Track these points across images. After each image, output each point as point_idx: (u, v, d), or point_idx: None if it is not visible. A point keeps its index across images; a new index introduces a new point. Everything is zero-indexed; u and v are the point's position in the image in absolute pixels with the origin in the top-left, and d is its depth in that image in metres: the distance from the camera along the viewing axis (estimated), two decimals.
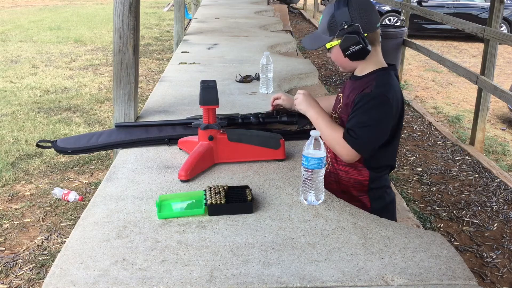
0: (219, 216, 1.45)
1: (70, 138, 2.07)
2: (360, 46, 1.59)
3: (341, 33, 1.60)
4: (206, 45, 4.16)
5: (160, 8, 16.11)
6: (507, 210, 3.72)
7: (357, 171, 1.71)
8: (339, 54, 1.65)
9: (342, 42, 1.60)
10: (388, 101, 1.57)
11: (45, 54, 8.95)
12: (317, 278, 1.18)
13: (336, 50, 1.66)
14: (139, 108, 2.45)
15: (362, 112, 1.58)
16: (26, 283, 2.80)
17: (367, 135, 1.58)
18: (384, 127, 1.60)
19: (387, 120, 1.59)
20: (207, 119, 1.76)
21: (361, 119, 1.58)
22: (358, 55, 1.61)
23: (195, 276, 1.18)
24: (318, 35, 1.70)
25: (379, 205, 1.73)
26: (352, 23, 1.59)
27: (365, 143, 1.59)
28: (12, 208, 3.58)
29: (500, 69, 8.60)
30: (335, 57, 1.70)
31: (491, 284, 2.90)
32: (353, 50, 1.59)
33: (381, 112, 1.58)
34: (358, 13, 1.60)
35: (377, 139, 1.61)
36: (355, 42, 1.58)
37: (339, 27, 1.61)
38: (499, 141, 5.42)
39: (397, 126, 1.66)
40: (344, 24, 1.59)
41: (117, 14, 2.16)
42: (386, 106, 1.58)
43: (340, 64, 1.72)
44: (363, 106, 1.58)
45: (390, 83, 1.62)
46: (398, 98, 1.62)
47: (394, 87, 1.62)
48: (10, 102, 6.06)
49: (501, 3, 4.75)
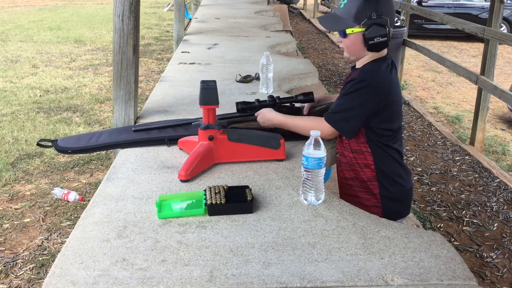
0: (219, 216, 1.45)
1: (71, 138, 2.07)
2: (385, 39, 1.68)
3: (368, 22, 1.66)
4: (206, 45, 4.16)
5: (160, 8, 16.11)
6: (507, 210, 3.72)
7: (362, 155, 1.78)
8: (356, 41, 1.70)
9: (369, 31, 1.66)
10: (368, 85, 1.68)
11: (45, 54, 8.95)
12: (317, 278, 1.18)
13: (355, 37, 1.70)
14: (139, 108, 2.45)
15: (342, 95, 1.75)
16: (26, 283, 2.80)
17: (344, 116, 1.72)
18: (363, 108, 1.70)
19: (366, 102, 1.69)
20: (207, 119, 1.76)
21: (341, 101, 1.74)
22: (378, 46, 1.69)
23: (195, 276, 1.18)
24: (338, 17, 1.73)
25: (388, 193, 1.78)
26: (382, 16, 1.66)
27: (342, 120, 1.73)
28: (12, 208, 3.58)
29: (500, 69, 8.60)
30: (350, 43, 1.73)
31: (491, 284, 2.90)
32: (377, 41, 1.67)
33: (360, 94, 1.69)
34: (386, 8, 1.68)
35: (355, 119, 1.72)
36: (383, 34, 1.67)
37: (367, 16, 1.66)
38: (499, 141, 5.42)
39: (392, 109, 1.74)
40: (373, 14, 1.65)
41: (117, 14, 2.16)
42: (366, 88, 1.68)
43: (351, 50, 1.75)
44: (345, 90, 1.74)
45: (375, 69, 1.72)
46: (385, 82, 1.71)
47: (381, 72, 1.71)
48: (10, 102, 6.06)
49: (501, 3, 4.75)
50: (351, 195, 1.84)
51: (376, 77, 1.70)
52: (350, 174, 1.84)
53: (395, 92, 1.76)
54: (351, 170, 1.83)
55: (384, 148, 1.77)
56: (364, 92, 1.69)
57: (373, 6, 1.66)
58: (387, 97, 1.71)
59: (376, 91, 1.69)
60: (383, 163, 1.77)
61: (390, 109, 1.74)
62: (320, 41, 11.00)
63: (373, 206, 1.77)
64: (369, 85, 1.69)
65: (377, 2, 1.66)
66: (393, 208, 1.78)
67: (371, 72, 1.71)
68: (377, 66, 1.73)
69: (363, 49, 1.72)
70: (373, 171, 1.78)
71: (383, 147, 1.76)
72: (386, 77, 1.72)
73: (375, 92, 1.69)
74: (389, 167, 1.78)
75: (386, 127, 1.75)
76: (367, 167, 1.79)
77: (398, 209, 1.82)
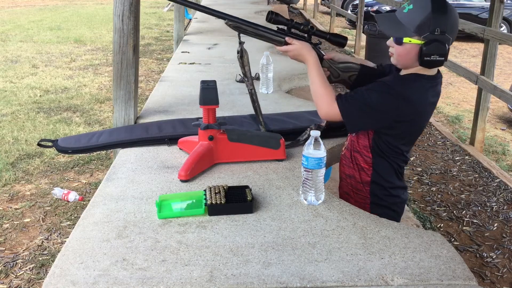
0: (219, 216, 1.45)
1: (71, 138, 2.07)
2: (443, 59, 1.55)
3: (430, 37, 1.53)
4: (206, 45, 4.16)
5: (160, 8, 16.10)
6: (507, 210, 3.72)
7: (362, 158, 1.74)
8: (411, 52, 1.57)
9: (428, 46, 1.53)
10: (393, 93, 1.57)
11: (45, 54, 8.95)
12: (317, 278, 1.18)
13: (411, 48, 1.57)
14: (139, 108, 2.45)
15: (365, 89, 1.61)
16: (26, 283, 2.79)
17: (358, 107, 1.60)
18: (376, 112, 1.60)
19: (382, 108, 1.59)
20: (207, 119, 1.76)
21: (359, 92, 1.62)
22: (432, 64, 1.57)
23: (195, 276, 1.18)
24: (399, 22, 1.59)
25: (379, 201, 1.74)
26: (446, 34, 1.53)
27: (353, 112, 1.61)
28: (12, 208, 3.58)
29: (500, 69, 8.60)
30: (403, 52, 1.60)
31: (491, 284, 2.90)
32: (433, 59, 1.54)
33: (384, 98, 1.58)
34: (451, 26, 1.54)
35: (367, 118, 1.62)
36: (442, 54, 1.54)
37: (430, 30, 1.52)
38: (499, 141, 5.42)
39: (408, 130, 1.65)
40: (438, 30, 1.52)
41: (117, 14, 2.16)
42: (392, 96, 1.57)
43: (402, 59, 1.63)
44: (372, 85, 1.62)
45: (413, 82, 1.60)
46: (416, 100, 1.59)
47: (417, 89, 1.59)
48: (10, 102, 6.06)
49: (501, 3, 4.75)
50: (345, 192, 1.84)
51: (409, 90, 1.59)
52: (349, 171, 1.82)
53: (422, 116, 1.65)
54: (350, 168, 1.81)
55: (386, 159, 1.71)
56: (389, 98, 1.58)
57: (439, 21, 1.52)
58: (408, 115, 1.61)
59: (401, 104, 1.58)
60: (381, 172, 1.72)
61: (406, 129, 1.64)
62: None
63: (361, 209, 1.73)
64: (397, 95, 1.58)
65: (444, 18, 1.52)
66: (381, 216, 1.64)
67: (406, 84, 1.60)
68: (418, 82, 1.60)
69: (415, 62, 1.59)
70: (368, 176, 1.74)
71: (385, 158, 1.70)
72: (420, 96, 1.60)
73: (400, 104, 1.58)
74: (385, 178, 1.73)
75: (395, 143, 1.67)
76: (364, 170, 1.75)
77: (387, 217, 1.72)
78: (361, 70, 1.81)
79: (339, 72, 1.81)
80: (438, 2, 1.54)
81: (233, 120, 2.17)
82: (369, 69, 1.83)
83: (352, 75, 1.81)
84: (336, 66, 1.81)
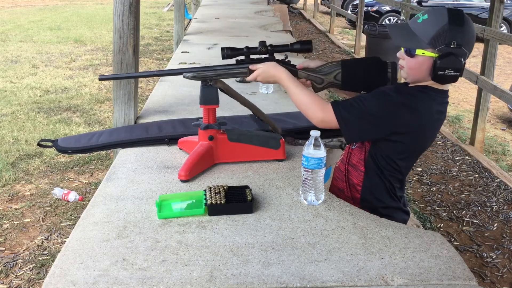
0: (219, 216, 1.45)
1: (71, 138, 2.07)
2: (457, 74, 1.45)
3: (445, 50, 1.43)
4: (206, 45, 4.16)
5: (160, 8, 16.10)
6: (507, 210, 3.72)
7: (356, 173, 1.66)
8: (423, 65, 1.48)
9: (444, 60, 1.43)
10: (395, 101, 1.50)
11: (45, 54, 8.95)
12: (317, 278, 1.18)
13: (423, 60, 1.47)
14: (139, 108, 2.45)
15: (364, 96, 1.54)
16: (26, 283, 2.79)
17: (357, 115, 1.51)
18: (376, 120, 1.50)
19: (382, 116, 1.50)
20: (207, 119, 1.76)
21: (357, 99, 1.53)
22: (446, 79, 1.47)
23: (195, 276, 1.18)
24: (412, 33, 1.49)
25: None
26: (462, 47, 1.43)
27: (352, 120, 1.51)
28: (12, 208, 3.58)
29: (500, 69, 8.60)
30: (415, 65, 1.50)
31: (491, 284, 2.90)
32: (448, 73, 1.44)
33: (380, 106, 1.50)
34: (468, 40, 1.45)
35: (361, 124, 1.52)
36: (458, 68, 1.44)
37: (446, 42, 1.43)
38: (499, 141, 5.42)
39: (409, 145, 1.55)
40: (454, 43, 1.42)
41: (117, 14, 2.16)
42: (390, 103, 1.50)
43: (413, 73, 1.53)
44: (370, 93, 1.55)
45: (415, 93, 1.51)
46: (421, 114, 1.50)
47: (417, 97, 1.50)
48: (10, 102, 6.06)
49: (501, 3, 4.75)
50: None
51: (412, 99, 1.50)
52: (341, 185, 1.73)
53: (426, 130, 1.55)
54: (342, 181, 1.72)
55: (380, 175, 1.60)
56: (390, 106, 1.50)
57: (456, 34, 1.42)
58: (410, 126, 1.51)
59: (403, 113, 1.49)
60: (372, 190, 1.63)
61: (406, 141, 1.54)
62: (320, 41, 11.00)
63: None
64: (399, 103, 1.49)
65: (462, 30, 1.43)
66: None
67: (411, 93, 1.52)
68: (424, 93, 1.51)
69: (427, 76, 1.49)
70: (358, 193, 1.65)
71: (379, 174, 1.60)
72: (425, 106, 1.50)
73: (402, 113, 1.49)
74: (376, 196, 1.63)
75: (393, 157, 1.57)
76: (354, 187, 1.66)
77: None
78: (343, 64, 1.69)
79: (321, 76, 1.69)
80: (455, 14, 1.45)
81: (233, 120, 2.17)
82: (351, 60, 1.73)
83: (337, 74, 1.68)
84: (314, 73, 1.70)
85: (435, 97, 1.52)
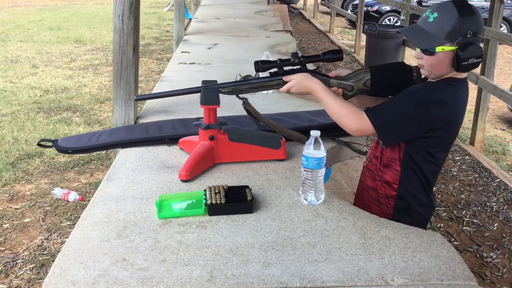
0: (219, 216, 1.45)
1: (71, 138, 2.07)
2: (479, 60, 1.50)
3: (463, 41, 1.49)
4: (206, 45, 4.16)
5: (160, 8, 16.10)
6: (507, 210, 3.72)
7: (390, 172, 1.69)
8: (445, 60, 1.53)
9: (465, 51, 1.48)
10: (426, 100, 1.54)
11: (45, 54, 8.95)
12: (317, 278, 1.18)
13: (444, 56, 1.53)
14: (139, 108, 2.45)
15: (394, 99, 1.59)
16: (26, 283, 2.79)
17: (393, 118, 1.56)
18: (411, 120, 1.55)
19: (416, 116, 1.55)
20: (208, 119, 1.76)
21: (389, 103, 1.59)
22: (470, 67, 1.52)
23: (195, 276, 1.18)
24: (427, 33, 1.54)
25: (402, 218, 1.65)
26: (478, 34, 1.49)
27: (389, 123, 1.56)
28: (12, 208, 3.58)
29: (500, 69, 8.60)
30: (437, 61, 1.55)
31: (491, 284, 2.90)
32: (471, 62, 1.50)
33: (412, 106, 1.55)
34: (480, 26, 1.51)
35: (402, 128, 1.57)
36: (479, 55, 1.49)
37: (462, 34, 1.48)
38: (499, 141, 5.42)
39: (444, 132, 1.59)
40: (470, 32, 1.48)
41: (117, 14, 2.16)
42: (421, 102, 1.54)
43: (436, 69, 1.57)
44: (399, 95, 1.59)
45: (443, 87, 1.55)
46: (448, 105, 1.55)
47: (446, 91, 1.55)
48: (10, 102, 6.06)
49: (501, 3, 4.75)
50: (365, 203, 1.79)
51: (441, 94, 1.55)
52: (371, 183, 1.77)
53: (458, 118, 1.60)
54: (373, 180, 1.76)
55: (417, 173, 1.65)
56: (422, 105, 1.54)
57: (469, 23, 1.48)
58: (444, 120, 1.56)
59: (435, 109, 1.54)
60: (408, 188, 1.67)
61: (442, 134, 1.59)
62: (320, 41, 11.00)
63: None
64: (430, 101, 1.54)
65: (473, 19, 1.49)
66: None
67: (438, 89, 1.56)
68: (450, 85, 1.57)
69: (449, 69, 1.55)
70: (394, 190, 1.69)
71: (416, 171, 1.65)
72: (453, 98, 1.56)
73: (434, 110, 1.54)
74: (412, 193, 1.68)
75: (431, 151, 1.62)
76: (389, 184, 1.70)
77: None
78: (372, 70, 1.73)
79: (351, 84, 1.73)
80: (462, 5, 1.50)
81: (233, 120, 2.17)
82: (379, 66, 1.77)
83: (366, 80, 1.72)
84: (345, 80, 1.75)
85: (459, 86, 1.58)
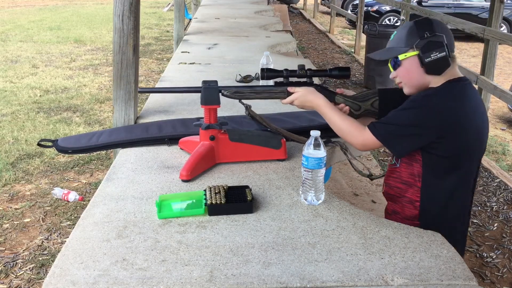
0: (219, 216, 1.45)
1: (71, 138, 2.07)
2: (444, 53, 1.47)
3: (422, 42, 1.49)
4: (206, 45, 4.16)
5: (160, 8, 16.10)
6: (507, 210, 3.72)
7: (411, 189, 1.60)
8: (412, 66, 1.53)
9: (423, 48, 1.48)
10: (429, 106, 1.49)
11: (45, 54, 8.95)
12: (317, 278, 1.18)
13: (410, 62, 1.53)
14: (139, 108, 2.45)
15: (398, 110, 1.53)
16: (26, 283, 2.79)
17: (394, 130, 1.52)
18: (416, 130, 1.49)
19: (422, 124, 1.49)
20: (208, 119, 1.76)
21: (392, 114, 1.54)
22: (438, 65, 1.49)
23: (195, 276, 1.18)
24: (389, 48, 1.58)
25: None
26: (436, 33, 1.49)
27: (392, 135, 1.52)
28: (12, 208, 3.58)
29: (500, 69, 8.60)
30: (405, 71, 1.55)
31: (491, 284, 2.90)
32: (434, 57, 1.47)
33: (416, 115, 1.49)
34: (440, 28, 1.52)
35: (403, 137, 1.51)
36: (440, 50, 1.47)
37: (420, 36, 1.50)
38: (499, 141, 5.42)
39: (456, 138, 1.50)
40: (427, 34, 1.49)
41: (117, 14, 2.16)
42: (425, 109, 1.49)
43: (409, 79, 1.56)
44: (402, 106, 1.54)
45: (443, 90, 1.50)
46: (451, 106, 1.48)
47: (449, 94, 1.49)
48: (10, 102, 6.06)
49: (501, 3, 4.75)
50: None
51: (444, 98, 1.49)
52: (393, 208, 1.67)
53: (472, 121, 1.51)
54: (394, 203, 1.67)
55: (441, 186, 1.55)
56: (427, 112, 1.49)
57: (425, 27, 1.50)
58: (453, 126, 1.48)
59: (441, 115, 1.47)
60: (431, 201, 1.58)
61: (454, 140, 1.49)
62: (320, 41, 11.00)
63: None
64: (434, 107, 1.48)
65: (428, 23, 1.52)
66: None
67: (439, 93, 1.50)
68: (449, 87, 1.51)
69: (422, 74, 1.52)
70: (416, 209, 1.60)
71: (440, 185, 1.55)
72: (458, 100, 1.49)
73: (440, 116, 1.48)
74: (437, 209, 1.58)
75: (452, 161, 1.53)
76: (412, 203, 1.60)
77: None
78: (380, 92, 1.71)
79: (358, 103, 1.71)
80: (419, 19, 1.57)
81: (233, 120, 2.17)
82: (388, 89, 1.74)
83: (374, 101, 1.70)
84: (351, 99, 1.72)
85: (459, 85, 1.52)
